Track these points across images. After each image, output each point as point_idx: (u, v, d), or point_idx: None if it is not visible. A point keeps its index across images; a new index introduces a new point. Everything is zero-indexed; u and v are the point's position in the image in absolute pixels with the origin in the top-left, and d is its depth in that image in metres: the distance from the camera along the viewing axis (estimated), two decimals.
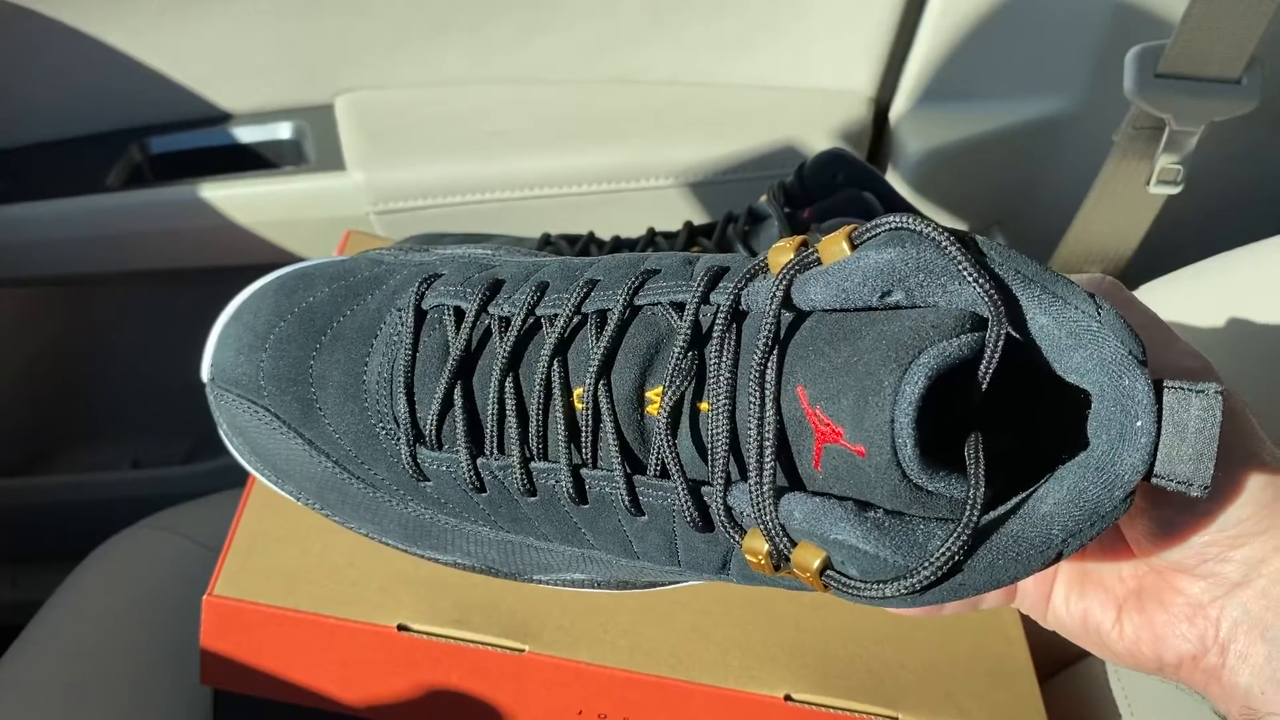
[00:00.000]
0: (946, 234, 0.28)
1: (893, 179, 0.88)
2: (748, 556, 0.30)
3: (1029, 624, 0.56)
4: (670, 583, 0.40)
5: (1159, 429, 0.27)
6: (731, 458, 0.30)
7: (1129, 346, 0.28)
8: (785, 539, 0.29)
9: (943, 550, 0.27)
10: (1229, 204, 0.84)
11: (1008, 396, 0.30)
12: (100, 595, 0.65)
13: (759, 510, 0.29)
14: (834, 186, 0.59)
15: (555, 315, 0.35)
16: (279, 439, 0.39)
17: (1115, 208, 0.70)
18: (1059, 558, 0.27)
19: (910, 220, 0.28)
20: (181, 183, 0.84)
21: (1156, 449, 0.27)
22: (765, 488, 0.29)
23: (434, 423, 0.36)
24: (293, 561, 0.49)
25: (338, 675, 0.49)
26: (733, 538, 0.31)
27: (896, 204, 0.59)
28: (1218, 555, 0.34)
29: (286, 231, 0.85)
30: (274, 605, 0.47)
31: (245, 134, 0.88)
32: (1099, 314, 0.28)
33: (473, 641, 0.47)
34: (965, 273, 0.27)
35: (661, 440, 0.32)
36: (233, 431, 0.41)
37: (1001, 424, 0.30)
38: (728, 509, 0.31)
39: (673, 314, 0.33)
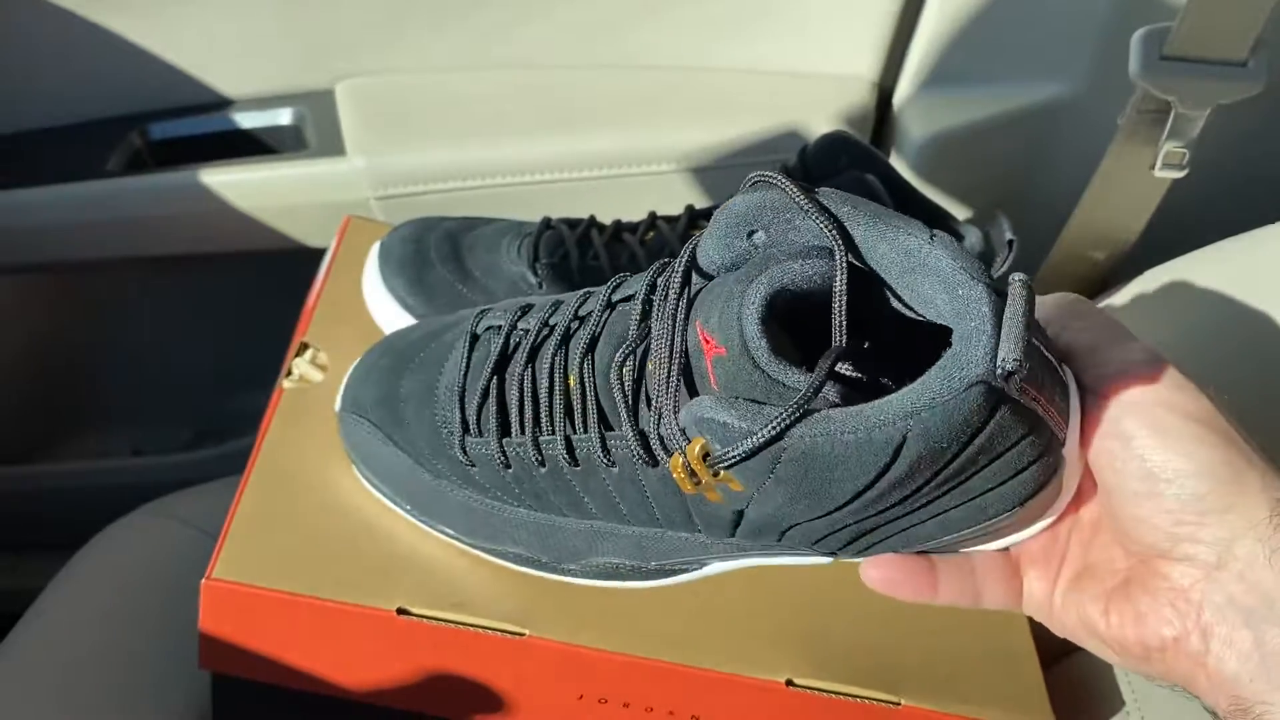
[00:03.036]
0: (792, 181, 0.34)
1: (896, 163, 0.88)
2: (675, 476, 0.36)
3: None
4: (692, 564, 0.44)
5: (997, 325, 0.31)
6: (666, 392, 0.37)
7: (960, 262, 0.32)
8: (682, 438, 0.35)
9: (780, 416, 0.31)
10: (1234, 188, 0.84)
11: (896, 341, 0.36)
12: (100, 581, 0.65)
13: (666, 422, 0.36)
14: (837, 169, 0.58)
15: (559, 321, 0.43)
16: (377, 445, 0.48)
17: (1120, 191, 0.69)
18: (903, 441, 0.31)
19: (769, 172, 0.35)
20: (182, 168, 0.84)
21: (997, 343, 0.31)
22: (669, 401, 0.36)
23: (475, 415, 0.45)
24: (291, 545, 0.48)
25: (337, 659, 0.49)
26: (659, 460, 0.38)
27: (899, 187, 0.59)
28: (1189, 536, 0.35)
29: (287, 217, 0.85)
30: (272, 589, 0.47)
31: (246, 119, 0.88)
32: (931, 239, 0.33)
33: (473, 625, 0.47)
34: (804, 208, 0.34)
35: (619, 396, 0.39)
36: (351, 447, 0.50)
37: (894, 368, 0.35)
38: (659, 437, 0.38)
39: (637, 303, 0.40)
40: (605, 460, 0.41)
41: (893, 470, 0.32)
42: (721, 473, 0.34)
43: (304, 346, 0.57)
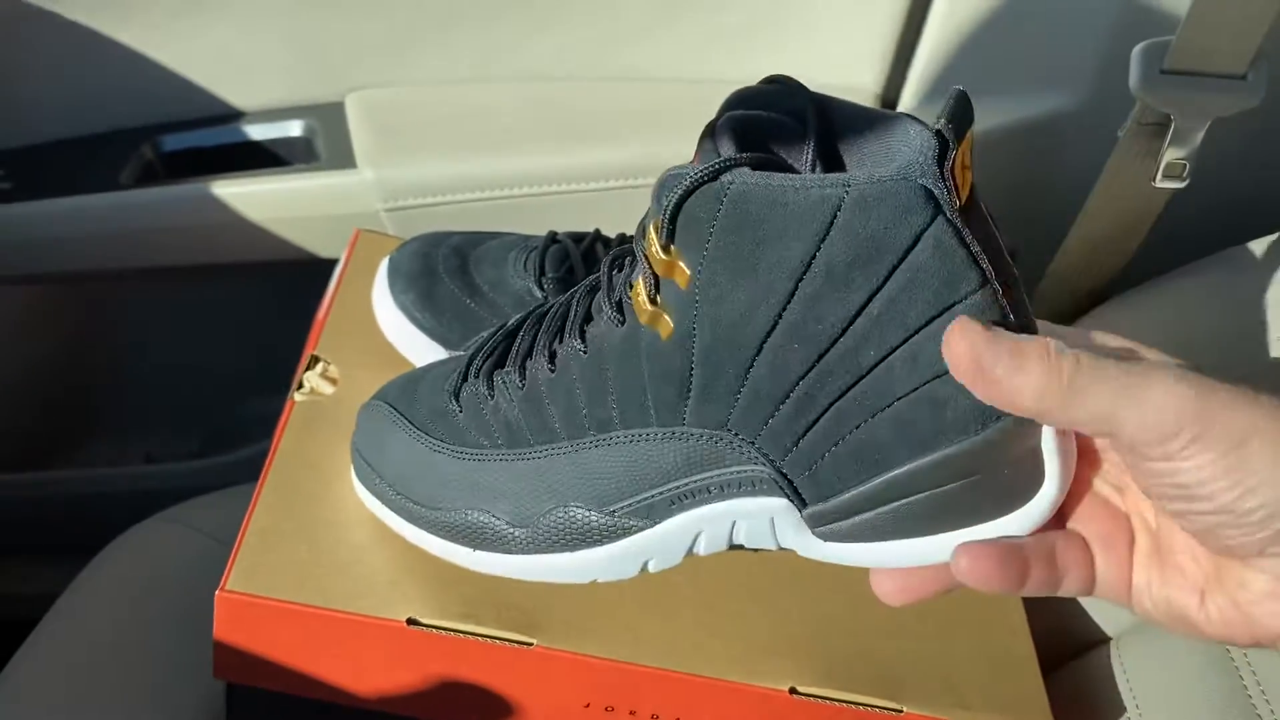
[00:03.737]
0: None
1: None
2: (635, 301, 0.40)
3: (1033, 616, 0.56)
4: (648, 508, 0.44)
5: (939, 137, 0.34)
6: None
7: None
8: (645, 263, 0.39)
9: (725, 158, 0.35)
10: (1234, 199, 0.84)
11: None
12: (114, 589, 0.66)
13: (631, 273, 0.41)
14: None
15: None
16: (387, 429, 0.50)
17: (1121, 203, 0.70)
18: (840, 204, 0.33)
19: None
20: (193, 180, 0.85)
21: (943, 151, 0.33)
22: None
23: (478, 365, 0.48)
24: (304, 556, 0.49)
25: (348, 668, 0.50)
26: (625, 318, 0.41)
27: None
28: (1272, 544, 0.34)
29: (297, 228, 0.86)
30: (285, 600, 0.48)
31: (256, 132, 0.89)
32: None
33: (481, 635, 0.48)
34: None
35: (604, 279, 0.44)
36: (361, 445, 0.51)
37: None
38: (626, 297, 0.41)
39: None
40: (580, 348, 0.43)
41: (828, 244, 0.34)
42: (673, 253, 0.37)
43: (314, 360, 0.58)
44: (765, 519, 0.42)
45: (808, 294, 0.35)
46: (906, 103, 0.89)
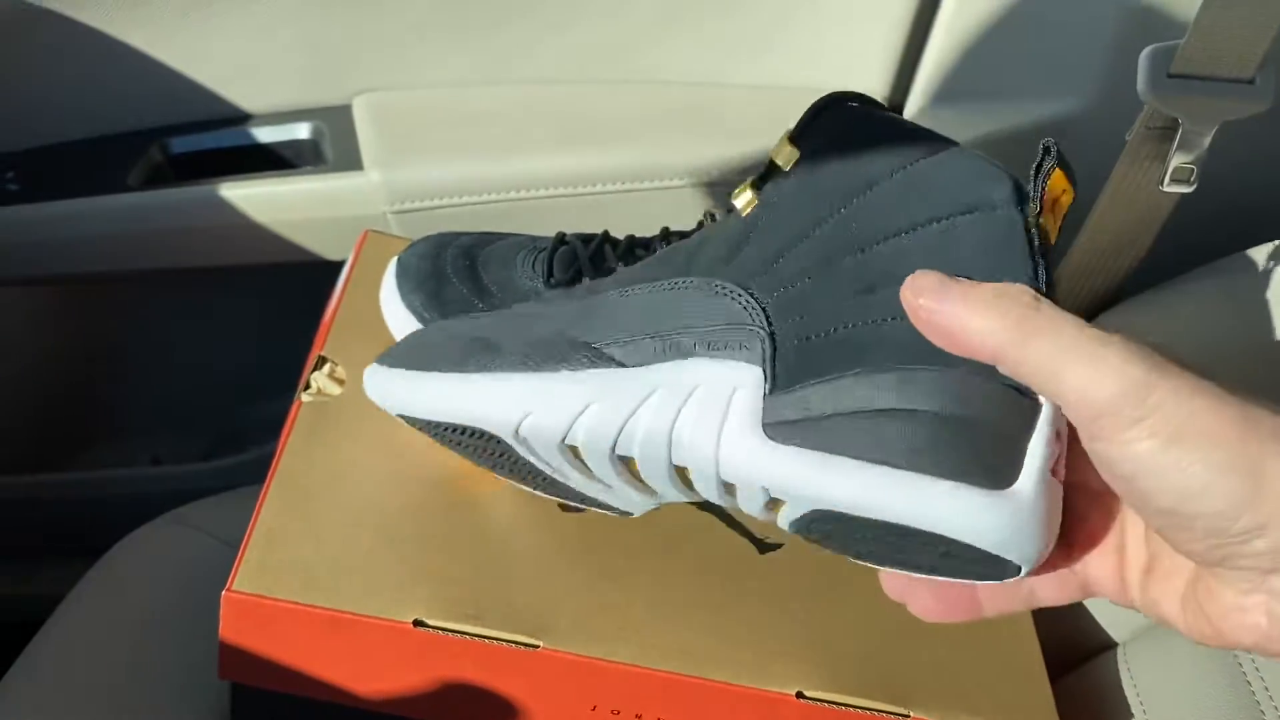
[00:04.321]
0: None
1: None
2: (739, 192, 0.45)
3: (1040, 621, 0.56)
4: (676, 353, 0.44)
5: None
6: None
7: None
8: None
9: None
10: (1243, 203, 0.84)
11: None
12: (121, 589, 0.66)
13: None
14: None
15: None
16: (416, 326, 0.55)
17: (1128, 207, 0.70)
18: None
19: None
20: (201, 183, 0.85)
21: None
22: None
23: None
24: (311, 557, 0.49)
25: (354, 670, 0.50)
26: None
27: None
28: (1234, 555, 0.32)
29: (304, 231, 0.86)
30: (291, 601, 0.48)
31: (264, 134, 0.89)
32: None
33: (487, 637, 0.48)
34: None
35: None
36: (390, 362, 0.50)
37: None
38: None
39: None
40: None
41: (905, 174, 0.41)
42: (792, 144, 0.44)
43: (322, 360, 0.58)
44: (725, 392, 0.41)
45: (867, 203, 0.41)
46: (913, 107, 0.89)
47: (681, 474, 0.43)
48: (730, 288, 0.42)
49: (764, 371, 0.41)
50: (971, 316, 0.34)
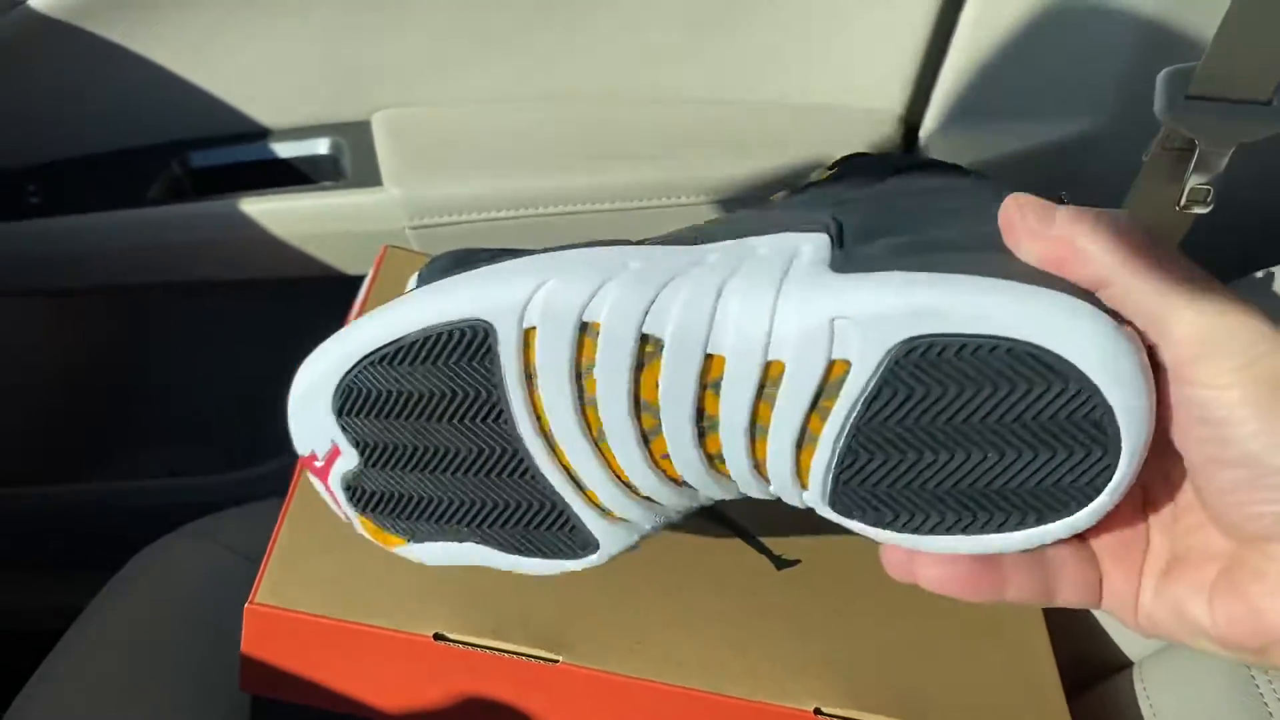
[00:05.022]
0: None
1: None
2: None
3: (1056, 640, 0.56)
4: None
5: None
6: None
7: None
8: None
9: None
10: (1259, 223, 0.84)
11: None
12: (140, 602, 0.66)
13: None
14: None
15: None
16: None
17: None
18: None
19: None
20: (221, 197, 0.85)
21: None
22: None
23: None
24: (332, 570, 0.50)
25: (375, 683, 0.50)
26: None
27: None
28: None
29: (323, 245, 0.87)
30: (313, 614, 0.48)
31: (284, 149, 0.89)
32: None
33: (507, 651, 0.48)
34: None
35: None
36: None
37: None
38: None
39: None
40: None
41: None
42: None
43: None
44: (786, 250, 0.37)
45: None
46: (929, 126, 0.89)
47: (710, 369, 0.36)
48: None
49: (830, 238, 0.37)
50: (1083, 237, 0.32)
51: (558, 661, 0.48)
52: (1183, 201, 0.67)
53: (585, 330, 0.36)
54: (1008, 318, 0.31)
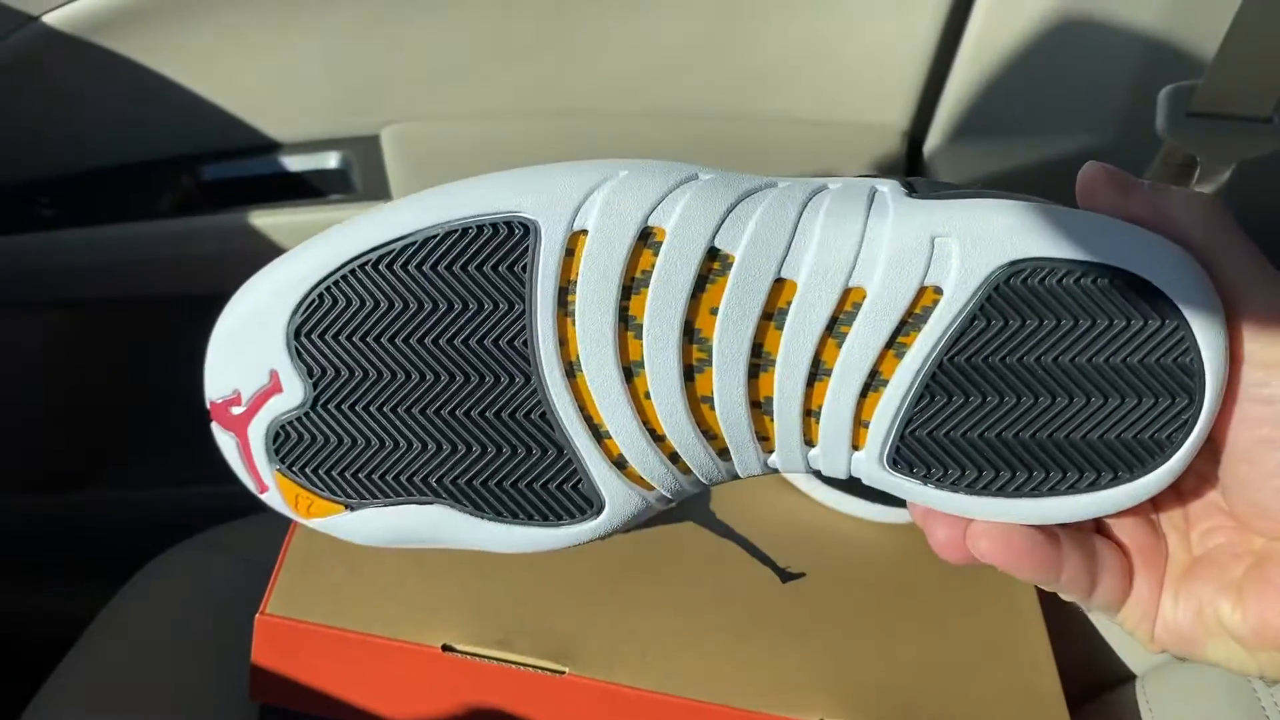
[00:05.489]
0: None
1: None
2: None
3: (1059, 651, 0.56)
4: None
5: None
6: None
7: None
8: None
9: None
10: (1260, 241, 0.85)
11: None
12: (150, 612, 0.67)
13: None
14: None
15: None
16: None
17: None
18: None
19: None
20: (232, 210, 0.86)
21: None
22: None
23: None
24: (342, 581, 0.50)
25: (383, 693, 0.51)
26: None
27: None
28: None
29: None
30: (323, 624, 0.49)
31: (294, 163, 0.90)
32: None
33: (515, 663, 0.49)
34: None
35: None
36: None
37: None
38: None
39: None
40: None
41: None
42: None
43: None
44: (864, 186, 0.33)
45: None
46: (933, 141, 0.90)
47: (776, 297, 0.32)
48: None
49: (901, 185, 0.34)
50: (1173, 203, 0.32)
51: (564, 673, 0.49)
52: None
53: (646, 238, 0.32)
54: (1120, 247, 0.30)
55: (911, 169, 0.92)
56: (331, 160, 0.90)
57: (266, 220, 0.85)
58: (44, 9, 0.78)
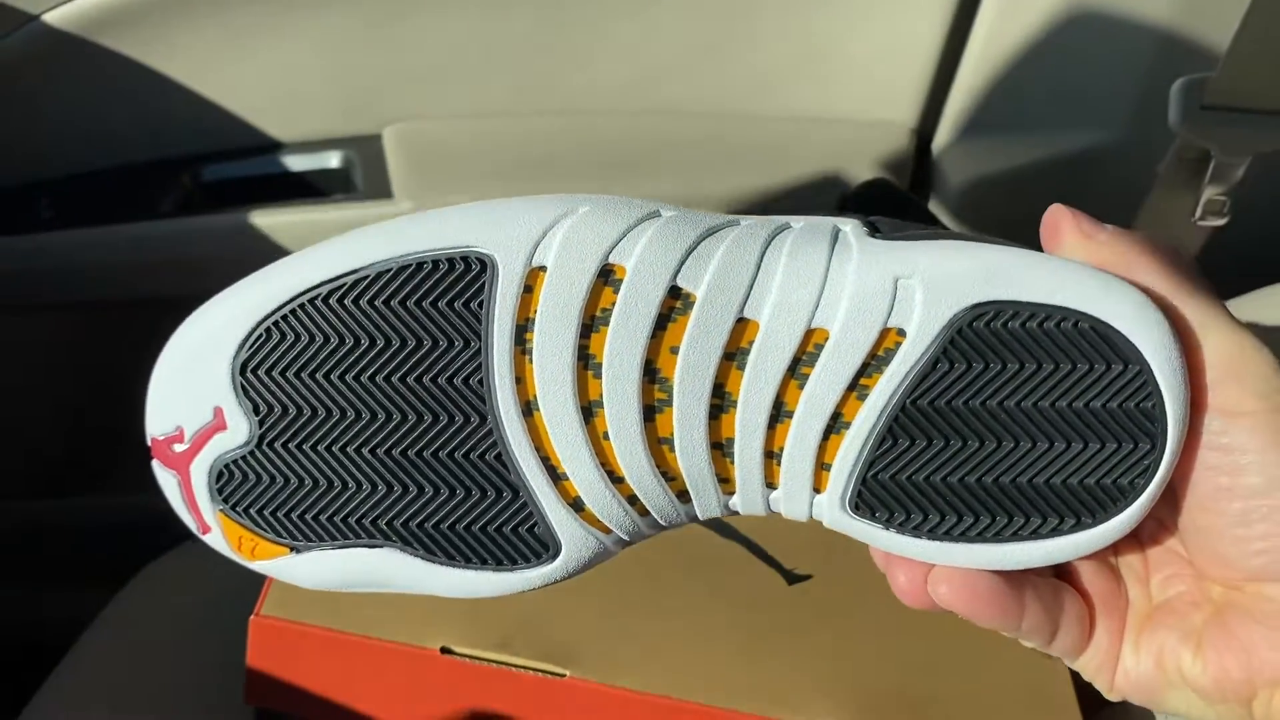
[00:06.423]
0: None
1: (934, 208, 0.89)
2: None
3: None
4: None
5: None
6: None
7: None
8: None
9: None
10: (1273, 237, 0.84)
11: None
12: (146, 615, 0.66)
13: None
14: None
15: None
16: None
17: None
18: None
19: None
20: (233, 210, 0.86)
21: None
22: None
23: None
24: None
25: (381, 696, 0.50)
26: None
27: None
28: None
29: None
30: (319, 626, 0.48)
31: (295, 163, 0.90)
32: None
33: (514, 665, 0.48)
34: None
35: None
36: None
37: None
38: None
39: None
40: None
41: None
42: None
43: None
44: (827, 226, 0.33)
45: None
46: (942, 138, 0.89)
47: (737, 337, 0.32)
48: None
49: (864, 225, 0.33)
50: (1134, 248, 0.32)
51: (564, 675, 0.48)
52: (1199, 213, 0.67)
53: (606, 276, 0.31)
54: (1083, 292, 0.30)
55: (920, 165, 0.91)
56: (333, 160, 0.90)
57: (267, 220, 0.85)
58: (44, 8, 0.78)
